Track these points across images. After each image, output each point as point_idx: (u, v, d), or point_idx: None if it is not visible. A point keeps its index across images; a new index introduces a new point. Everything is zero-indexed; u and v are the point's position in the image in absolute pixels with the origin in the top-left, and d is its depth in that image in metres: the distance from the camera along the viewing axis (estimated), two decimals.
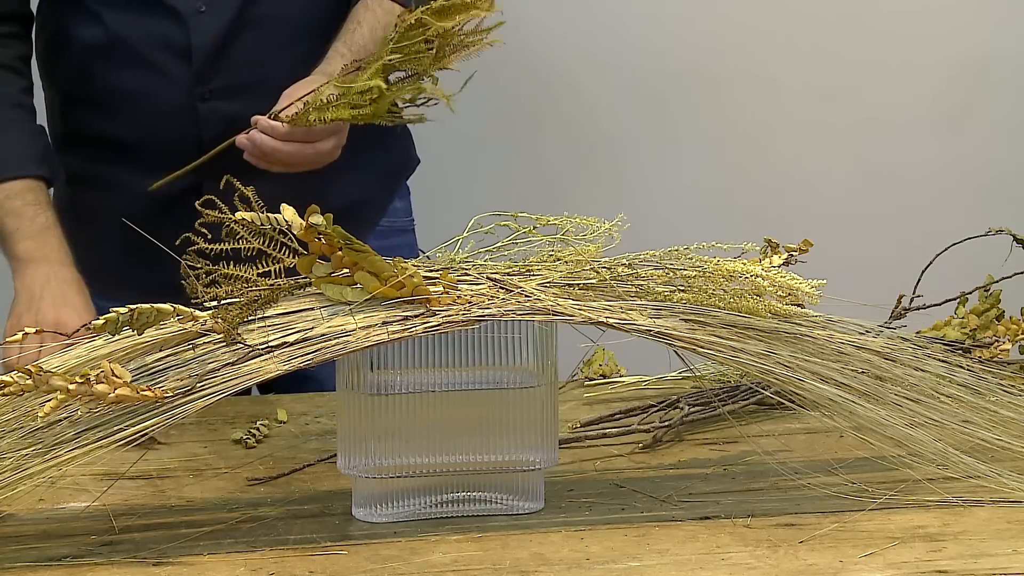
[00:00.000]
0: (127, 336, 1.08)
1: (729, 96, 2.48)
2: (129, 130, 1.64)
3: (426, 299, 1.09)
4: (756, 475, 1.24)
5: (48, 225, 1.54)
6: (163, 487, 1.24)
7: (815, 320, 1.19)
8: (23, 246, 1.53)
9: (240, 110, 1.55)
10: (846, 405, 1.14)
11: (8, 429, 1.04)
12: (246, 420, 1.43)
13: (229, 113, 1.59)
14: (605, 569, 1.03)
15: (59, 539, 1.10)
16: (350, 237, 1.07)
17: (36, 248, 1.52)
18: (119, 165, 1.66)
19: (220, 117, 1.60)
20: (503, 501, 1.15)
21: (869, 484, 1.19)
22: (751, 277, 1.16)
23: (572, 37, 2.42)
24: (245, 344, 1.06)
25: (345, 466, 1.14)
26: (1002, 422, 1.20)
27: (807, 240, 1.30)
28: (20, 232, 1.53)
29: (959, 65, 2.50)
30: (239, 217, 1.08)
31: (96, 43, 1.62)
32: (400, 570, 1.03)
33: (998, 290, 1.53)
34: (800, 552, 1.05)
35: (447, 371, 1.14)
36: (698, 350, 1.13)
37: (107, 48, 1.62)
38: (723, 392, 1.44)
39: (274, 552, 1.07)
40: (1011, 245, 1.47)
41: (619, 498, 1.19)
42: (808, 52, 2.48)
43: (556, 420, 1.17)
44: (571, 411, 1.46)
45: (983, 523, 1.11)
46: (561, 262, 1.18)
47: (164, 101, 1.62)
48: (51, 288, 1.50)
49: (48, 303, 1.48)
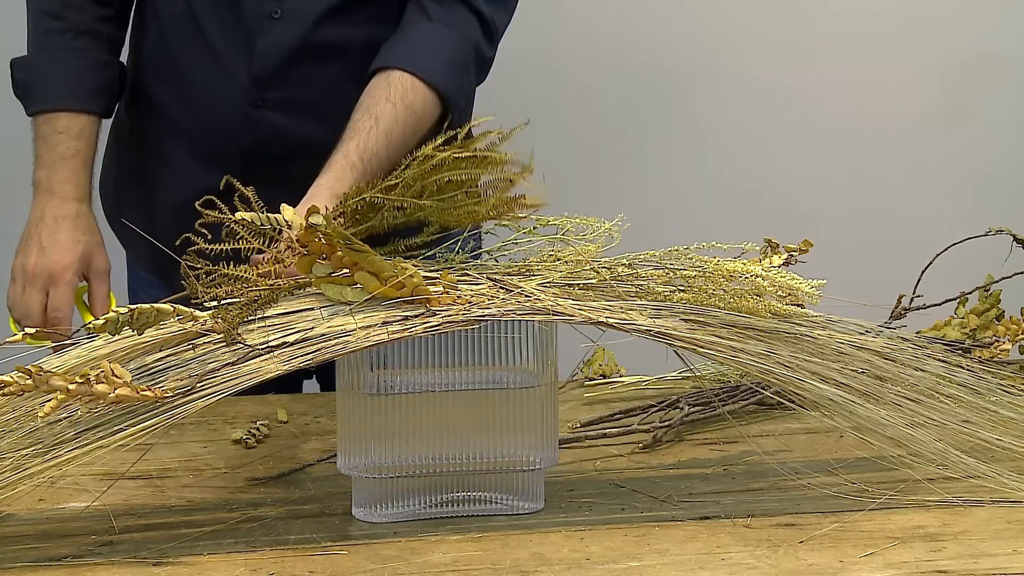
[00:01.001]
0: (127, 336, 1.08)
1: (729, 96, 2.48)
2: (185, 112, 1.63)
3: (426, 299, 1.09)
4: (756, 475, 1.24)
5: (67, 155, 1.54)
6: (163, 487, 1.24)
7: (815, 320, 1.19)
8: (37, 175, 1.55)
9: (289, 124, 1.54)
10: (846, 405, 1.14)
11: (8, 429, 1.04)
12: (246, 420, 1.43)
13: (278, 125, 1.57)
14: (605, 569, 1.03)
15: (59, 539, 1.10)
16: (350, 237, 1.07)
17: (46, 178, 1.54)
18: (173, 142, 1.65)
19: (268, 126, 1.58)
20: (503, 501, 1.15)
21: (869, 484, 1.19)
22: (751, 277, 1.17)
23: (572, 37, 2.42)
24: (245, 344, 1.05)
25: (345, 466, 1.14)
26: (1002, 422, 1.20)
27: (807, 240, 1.30)
28: (39, 160, 1.55)
29: (959, 65, 2.50)
30: (239, 217, 1.08)
31: (173, 11, 1.60)
32: (400, 570, 1.03)
33: (998, 290, 1.53)
34: (800, 552, 1.05)
35: (447, 371, 1.14)
36: (698, 350, 1.13)
37: (182, 19, 1.60)
38: (723, 392, 1.44)
39: (274, 552, 1.07)
40: (1011, 245, 1.47)
41: (619, 498, 1.19)
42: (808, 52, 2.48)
43: (556, 420, 1.17)
44: (571, 411, 1.46)
45: (983, 523, 1.11)
46: (561, 262, 1.18)
47: (219, 95, 1.60)
48: (45, 226, 1.52)
49: (35, 245, 1.52)
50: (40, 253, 1.51)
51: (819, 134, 2.50)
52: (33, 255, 1.51)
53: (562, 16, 2.41)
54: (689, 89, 2.47)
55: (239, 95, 1.58)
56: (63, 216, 1.52)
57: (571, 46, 2.43)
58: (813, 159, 2.51)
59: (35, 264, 1.50)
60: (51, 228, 1.52)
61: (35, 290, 1.50)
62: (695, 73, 2.46)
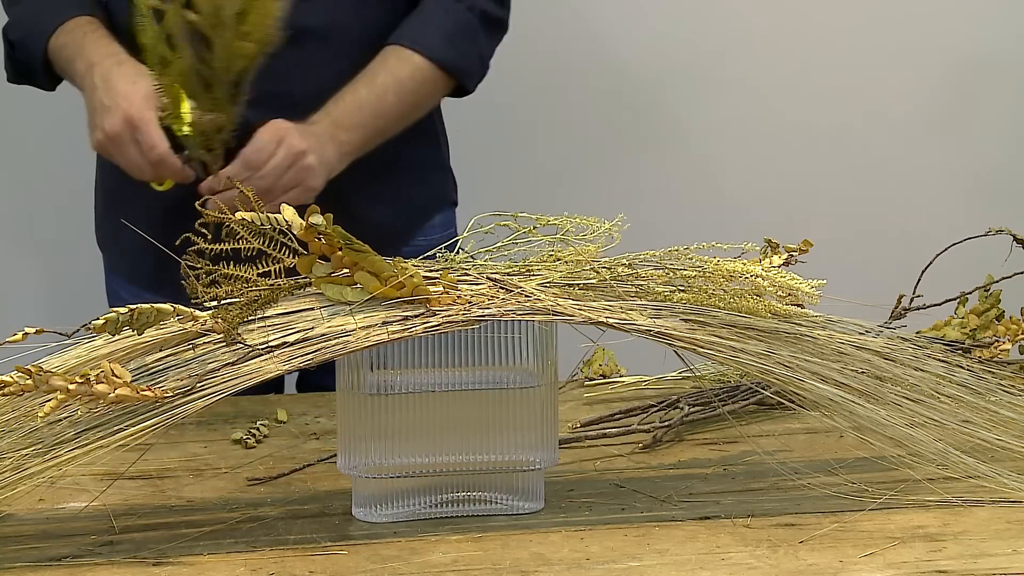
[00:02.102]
0: (127, 336, 1.08)
1: (729, 96, 2.48)
2: None
3: (426, 299, 1.09)
4: (756, 475, 1.24)
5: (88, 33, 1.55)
6: (163, 487, 1.24)
7: (815, 320, 1.19)
8: (74, 67, 1.54)
9: (258, 117, 1.55)
10: (846, 405, 1.14)
11: (8, 429, 1.04)
12: (246, 420, 1.43)
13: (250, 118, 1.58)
14: (605, 569, 1.03)
15: (59, 539, 1.10)
16: (350, 237, 1.07)
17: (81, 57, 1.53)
18: None
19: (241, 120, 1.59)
20: (503, 501, 1.15)
21: (869, 484, 1.19)
22: (751, 277, 1.16)
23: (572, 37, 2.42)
24: (245, 344, 1.06)
25: (345, 466, 1.14)
26: (1002, 422, 1.20)
27: (807, 240, 1.30)
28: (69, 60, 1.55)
29: (960, 65, 2.50)
30: (239, 217, 1.08)
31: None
32: (400, 570, 1.03)
33: (998, 290, 1.53)
34: (800, 552, 1.05)
35: (447, 371, 1.14)
36: (698, 350, 1.13)
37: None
38: (723, 392, 1.44)
39: (274, 552, 1.07)
40: (1011, 245, 1.47)
41: (619, 498, 1.19)
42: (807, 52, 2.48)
43: (556, 420, 1.17)
44: (571, 411, 1.46)
45: (983, 523, 1.11)
46: (561, 262, 1.18)
47: None
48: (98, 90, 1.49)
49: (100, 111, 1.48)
50: (108, 113, 1.47)
51: (819, 134, 2.50)
52: (104, 120, 1.47)
53: (564, 15, 2.41)
54: (690, 89, 2.47)
55: None
56: (109, 71, 1.49)
57: (571, 46, 2.43)
58: (813, 159, 2.51)
59: (110, 125, 1.47)
60: (105, 87, 1.48)
61: (128, 148, 1.47)
62: (696, 73, 2.46)
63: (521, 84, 2.40)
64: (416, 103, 1.64)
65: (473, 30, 1.66)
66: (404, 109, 1.62)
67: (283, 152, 1.50)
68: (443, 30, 1.63)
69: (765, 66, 2.47)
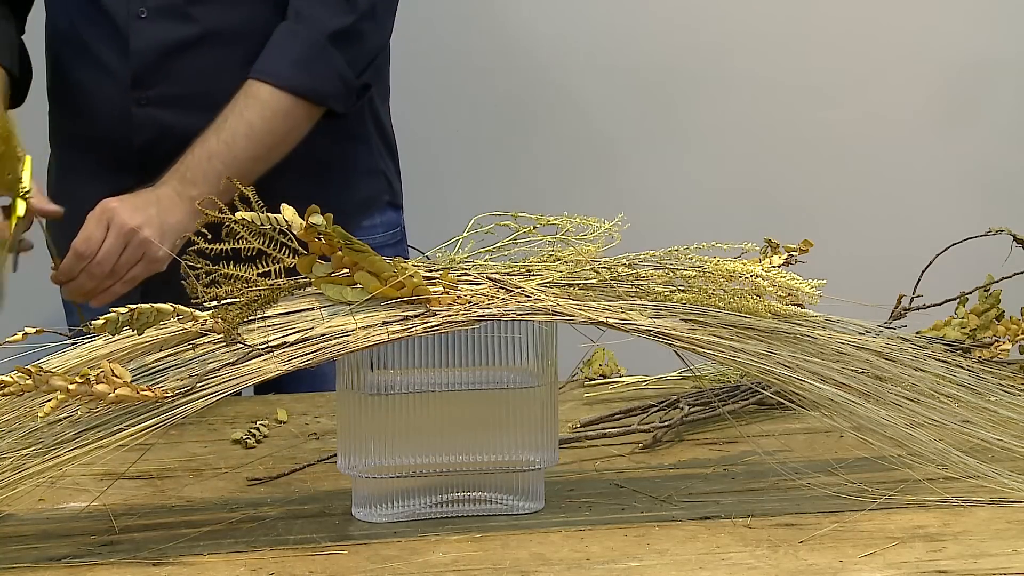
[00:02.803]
0: (127, 336, 1.08)
1: (729, 96, 2.48)
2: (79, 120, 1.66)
3: (426, 299, 1.09)
4: (756, 475, 1.24)
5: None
6: (163, 487, 1.24)
7: (815, 320, 1.19)
8: None
9: (176, 120, 1.55)
10: (846, 405, 1.14)
11: (8, 429, 1.04)
12: (246, 420, 1.43)
13: (165, 122, 1.58)
14: (605, 569, 1.03)
15: (59, 539, 1.10)
16: (350, 237, 1.08)
17: None
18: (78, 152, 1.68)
19: (154, 124, 1.60)
20: (503, 501, 1.15)
21: (869, 484, 1.19)
22: (751, 277, 1.16)
23: (572, 36, 2.42)
24: (245, 344, 1.06)
25: (345, 466, 1.14)
26: (1002, 422, 1.20)
27: (807, 240, 1.30)
28: None
29: (960, 65, 2.50)
30: (239, 217, 1.08)
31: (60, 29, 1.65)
32: (400, 570, 1.03)
33: (998, 290, 1.53)
34: (800, 552, 1.05)
35: (447, 371, 1.14)
36: (698, 350, 1.13)
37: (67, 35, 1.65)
38: (723, 392, 1.44)
39: (274, 552, 1.07)
40: (1011, 245, 1.47)
41: (619, 498, 1.19)
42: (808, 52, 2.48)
43: (556, 420, 1.17)
44: (571, 411, 1.46)
45: (983, 523, 1.11)
46: (561, 262, 1.18)
47: (103, 99, 1.62)
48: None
49: None
50: None
51: (820, 134, 2.50)
52: None
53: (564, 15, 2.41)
54: (690, 89, 2.47)
55: (122, 95, 1.60)
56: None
57: (572, 45, 2.43)
58: (814, 159, 2.51)
59: None
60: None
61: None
62: (697, 73, 2.46)
63: (521, 84, 2.40)
64: (274, 141, 1.57)
65: (321, 50, 1.59)
66: (260, 151, 1.56)
67: (113, 234, 1.48)
68: (290, 57, 1.58)
69: (766, 66, 2.47)
